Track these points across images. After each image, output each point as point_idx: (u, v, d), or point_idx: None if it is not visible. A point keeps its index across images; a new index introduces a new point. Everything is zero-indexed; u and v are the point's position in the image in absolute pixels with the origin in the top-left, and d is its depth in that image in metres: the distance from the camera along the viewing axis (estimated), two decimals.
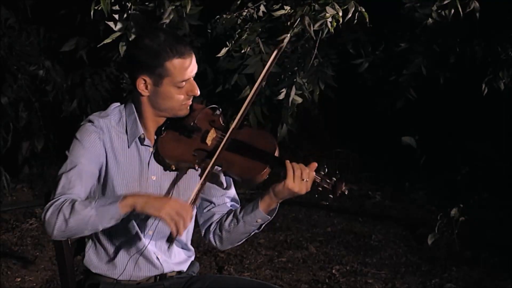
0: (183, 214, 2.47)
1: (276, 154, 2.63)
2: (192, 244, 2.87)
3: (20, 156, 5.78)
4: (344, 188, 2.61)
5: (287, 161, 2.60)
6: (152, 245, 2.73)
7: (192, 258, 2.86)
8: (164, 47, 2.58)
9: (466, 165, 5.85)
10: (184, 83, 2.61)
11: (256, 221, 2.68)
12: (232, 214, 2.73)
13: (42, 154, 5.84)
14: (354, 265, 4.71)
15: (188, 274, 2.82)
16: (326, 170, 2.63)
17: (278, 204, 2.68)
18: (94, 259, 2.76)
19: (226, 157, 2.62)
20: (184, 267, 2.82)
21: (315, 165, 2.61)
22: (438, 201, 5.56)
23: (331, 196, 2.61)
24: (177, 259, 2.80)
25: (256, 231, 2.73)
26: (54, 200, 2.57)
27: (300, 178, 2.58)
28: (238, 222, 2.70)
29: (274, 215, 2.71)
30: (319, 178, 2.60)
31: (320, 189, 2.61)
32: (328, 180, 2.60)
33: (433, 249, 4.84)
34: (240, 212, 2.70)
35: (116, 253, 2.73)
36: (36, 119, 5.70)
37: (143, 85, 2.62)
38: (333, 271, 4.64)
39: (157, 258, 2.74)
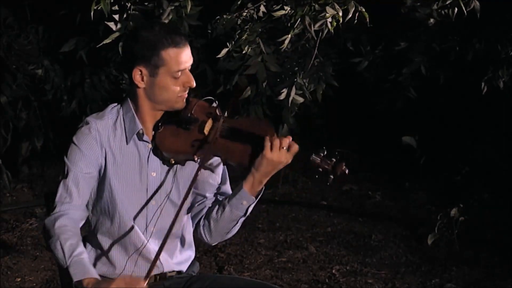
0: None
1: None
2: (196, 244, 2.87)
3: (20, 156, 5.78)
4: (344, 168, 2.59)
5: (266, 137, 2.58)
6: (153, 243, 2.73)
7: (193, 257, 2.86)
8: (159, 37, 2.60)
9: (466, 165, 5.85)
10: (179, 73, 2.62)
11: (242, 203, 2.65)
12: (218, 203, 2.72)
13: (42, 154, 5.83)
14: (354, 265, 4.71)
15: (188, 274, 2.82)
16: (326, 152, 2.61)
17: (263, 186, 2.66)
18: (93, 260, 2.76)
19: (224, 146, 2.62)
20: (184, 267, 2.82)
21: (293, 142, 2.60)
22: (438, 201, 5.56)
23: (331, 176, 2.59)
24: (178, 259, 2.80)
25: (243, 217, 2.70)
26: (52, 218, 2.63)
27: (277, 147, 2.57)
28: (224, 208, 2.68)
29: (259, 196, 2.68)
30: (319, 159, 2.59)
31: (320, 169, 2.59)
32: (328, 161, 2.59)
33: (433, 249, 4.84)
34: (226, 199, 2.70)
35: (115, 253, 2.74)
36: (35, 119, 5.70)
37: (139, 76, 2.63)
38: (333, 271, 4.64)
39: None
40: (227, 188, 2.81)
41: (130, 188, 2.70)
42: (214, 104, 2.71)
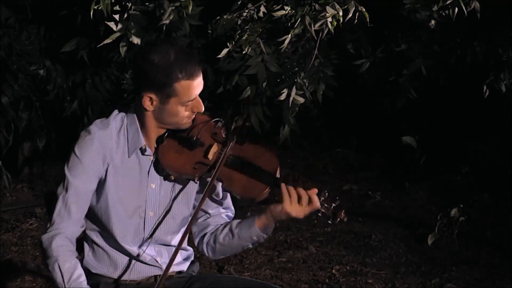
0: None
1: (277, 174, 2.63)
2: (192, 244, 2.88)
3: (21, 156, 5.78)
4: (343, 215, 2.62)
5: (283, 185, 2.59)
6: (151, 250, 2.75)
7: (192, 258, 2.87)
8: (174, 68, 2.55)
9: (466, 165, 5.86)
10: (190, 102, 2.61)
11: (252, 238, 2.70)
12: (227, 227, 2.74)
13: (43, 154, 5.83)
14: (354, 265, 4.71)
15: (188, 274, 2.83)
16: (327, 194, 2.62)
17: (275, 224, 2.69)
18: (93, 260, 2.77)
19: (228, 174, 2.63)
20: (184, 267, 2.82)
21: (315, 190, 2.60)
22: (438, 201, 5.56)
23: (329, 222, 2.62)
24: (177, 260, 2.79)
25: (250, 246, 2.74)
26: (49, 237, 2.64)
27: (296, 202, 2.58)
28: (233, 236, 2.71)
29: (270, 233, 2.72)
30: (319, 201, 2.60)
31: (319, 214, 2.62)
32: (327, 206, 2.60)
33: (433, 249, 4.85)
34: (236, 227, 2.71)
35: (114, 255, 2.74)
36: (37, 119, 5.70)
37: (148, 101, 2.61)
38: (333, 271, 4.64)
39: (156, 261, 2.76)
40: (229, 202, 2.82)
41: (129, 198, 2.70)
42: (220, 124, 2.70)
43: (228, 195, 2.80)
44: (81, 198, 2.65)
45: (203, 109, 2.64)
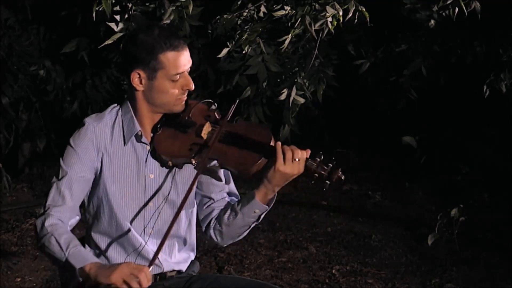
0: (137, 274, 2.45)
1: (272, 144, 2.62)
2: (197, 242, 2.88)
3: (21, 156, 5.79)
4: (340, 174, 2.58)
5: (278, 143, 2.59)
6: (152, 244, 2.74)
7: (192, 257, 2.87)
8: (158, 40, 2.59)
9: (466, 165, 5.87)
10: (178, 76, 2.62)
11: (254, 212, 2.67)
12: (230, 208, 2.72)
13: (43, 154, 5.84)
14: (354, 265, 4.71)
15: (188, 274, 2.82)
16: (322, 157, 2.61)
17: (276, 194, 2.67)
18: None
19: (222, 150, 2.62)
20: (183, 267, 2.82)
21: (308, 151, 2.60)
22: (438, 201, 5.57)
23: (327, 182, 2.58)
24: (177, 259, 2.80)
25: (256, 222, 2.72)
26: (42, 219, 2.62)
27: (290, 159, 2.57)
28: (236, 214, 2.69)
29: (272, 204, 2.69)
30: (315, 164, 2.58)
31: (316, 175, 2.58)
32: (324, 167, 2.58)
33: (433, 249, 4.85)
34: (238, 205, 2.70)
35: (113, 253, 2.74)
36: (37, 119, 5.71)
37: (137, 79, 2.63)
38: (333, 271, 4.64)
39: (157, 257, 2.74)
40: (232, 187, 2.82)
41: (127, 190, 2.70)
42: (213, 107, 2.71)
43: (232, 181, 2.80)
44: (75, 186, 2.65)
45: (193, 86, 2.65)
